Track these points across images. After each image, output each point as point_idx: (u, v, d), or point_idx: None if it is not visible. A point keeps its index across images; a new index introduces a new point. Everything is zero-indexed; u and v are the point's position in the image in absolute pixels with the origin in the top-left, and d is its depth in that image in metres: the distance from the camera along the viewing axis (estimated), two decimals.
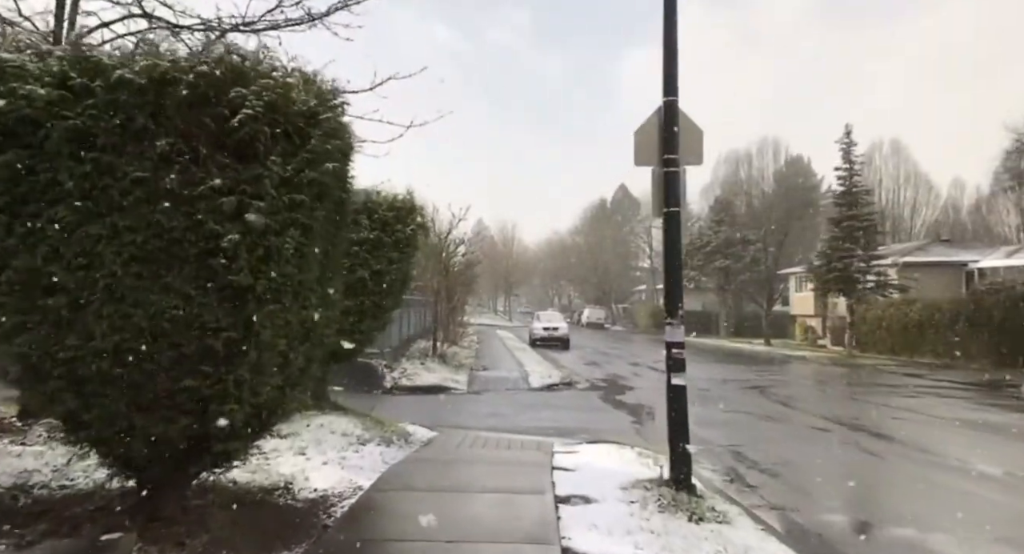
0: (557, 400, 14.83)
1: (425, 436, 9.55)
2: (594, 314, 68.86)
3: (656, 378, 19.87)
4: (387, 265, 8.89)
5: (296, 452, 7.08)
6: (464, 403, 14.13)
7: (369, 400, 13.80)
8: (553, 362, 24.65)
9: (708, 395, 15.58)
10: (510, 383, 17.59)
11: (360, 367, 16.03)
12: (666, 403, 6.64)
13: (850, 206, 28.53)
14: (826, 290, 29.35)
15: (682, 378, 6.51)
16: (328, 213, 4.46)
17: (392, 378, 16.10)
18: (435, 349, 19.92)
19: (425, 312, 25.52)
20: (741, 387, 18.08)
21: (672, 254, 6.57)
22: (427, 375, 16.92)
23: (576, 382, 18.33)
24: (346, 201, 4.87)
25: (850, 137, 28.48)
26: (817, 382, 20.44)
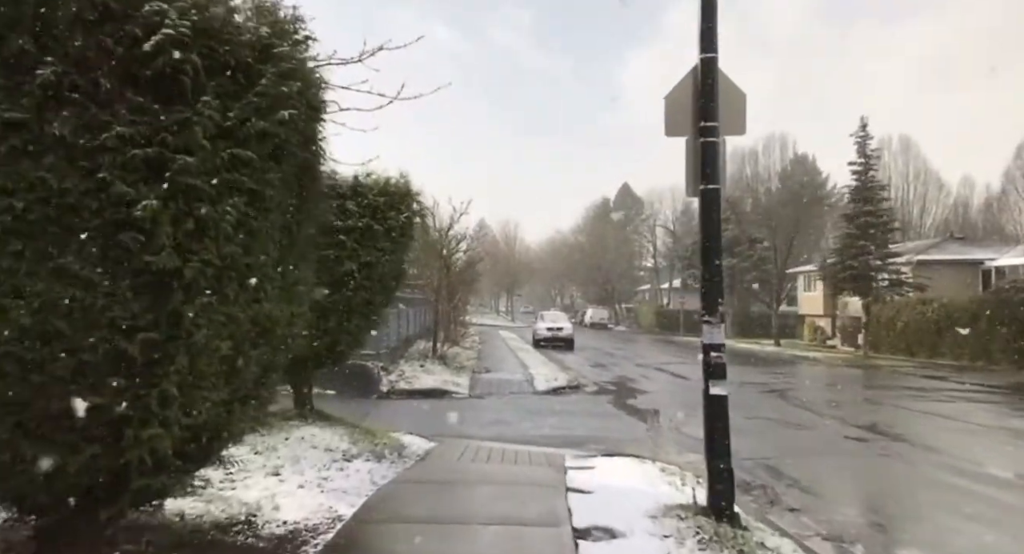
0: (564, 405, 13.83)
1: (422, 448, 8.55)
2: (597, 314, 67.81)
3: (667, 381, 18.88)
4: (378, 256, 7.89)
5: (269, 472, 6.08)
6: (465, 409, 13.13)
7: (363, 406, 12.81)
8: (558, 364, 23.65)
9: (729, 400, 14.58)
10: (514, 386, 16.59)
11: (354, 370, 15.05)
12: (703, 417, 5.62)
13: (865, 201, 27.46)
14: (840, 289, 28.31)
15: (723, 387, 5.52)
16: (287, 178, 3.46)
17: (389, 381, 15.11)
18: (435, 350, 18.93)
19: (425, 311, 24.53)
20: (759, 391, 17.05)
21: (711, 240, 5.57)
22: (426, 378, 15.92)
23: (583, 385, 17.33)
24: (314, 165, 3.86)
25: (866, 130, 27.49)
26: (837, 385, 19.40)
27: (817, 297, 44.54)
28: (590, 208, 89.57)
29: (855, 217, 27.66)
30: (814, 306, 44.43)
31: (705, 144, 5.51)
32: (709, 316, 5.52)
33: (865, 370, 23.66)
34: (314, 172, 3.88)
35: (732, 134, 5.73)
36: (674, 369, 22.35)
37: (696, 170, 5.60)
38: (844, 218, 29.07)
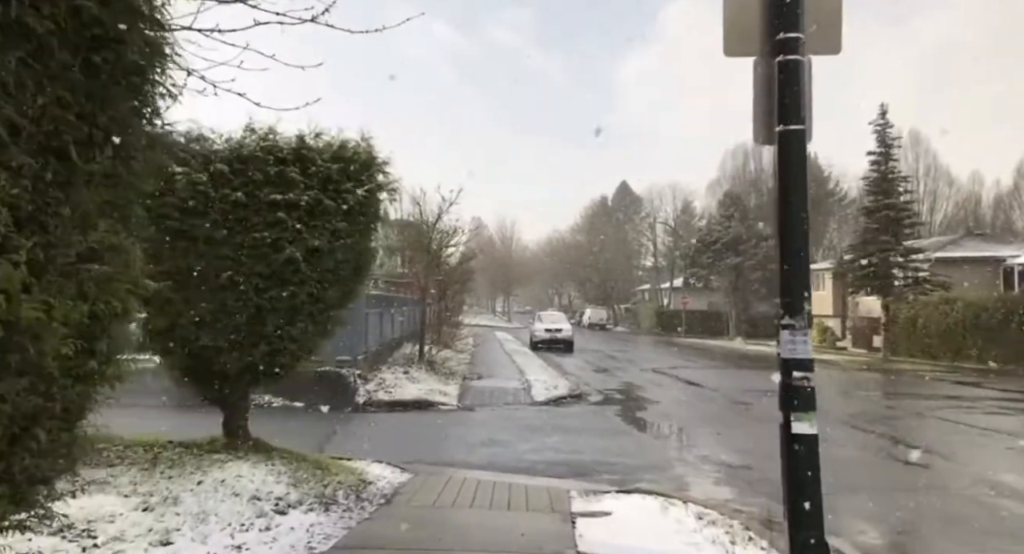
0: (567, 418, 12.04)
1: (391, 484, 6.77)
2: (596, 315, 66.08)
3: (678, 388, 17.10)
4: (331, 241, 6.08)
5: (156, 539, 4.28)
6: (452, 424, 11.34)
7: (331, 422, 11.01)
8: (557, 368, 21.85)
9: (756, 413, 12.80)
10: (509, 395, 14.80)
11: (327, 378, 13.27)
12: (782, 466, 3.82)
13: (885, 194, 25.67)
14: (857, 287, 26.55)
15: (811, 422, 3.72)
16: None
17: (366, 391, 13.31)
18: (422, 354, 17.14)
19: (413, 312, 22.72)
20: None
21: (792, 203, 3.77)
22: (410, 387, 14.13)
23: (587, 394, 15.54)
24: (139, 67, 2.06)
25: (885, 118, 25.69)
26: (864, 393, 17.60)
27: (826, 297, 42.84)
28: (588, 207, 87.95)
29: (874, 211, 25.88)
30: (822, 306, 42.68)
31: (783, 65, 3.73)
32: (790, 317, 3.74)
33: (888, 375, 21.89)
34: (146, 94, 2.07)
35: (821, 53, 3.94)
36: (683, 374, 20.58)
37: (767, 105, 3.82)
38: (862, 212, 27.29)
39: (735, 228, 48.09)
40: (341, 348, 13.77)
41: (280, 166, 5.97)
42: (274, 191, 5.90)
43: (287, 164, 5.99)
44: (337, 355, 13.72)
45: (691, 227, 65.86)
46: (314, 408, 12.49)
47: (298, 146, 6.09)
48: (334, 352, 13.71)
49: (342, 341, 13.84)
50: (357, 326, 13.95)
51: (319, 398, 12.86)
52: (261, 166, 5.93)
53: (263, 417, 11.68)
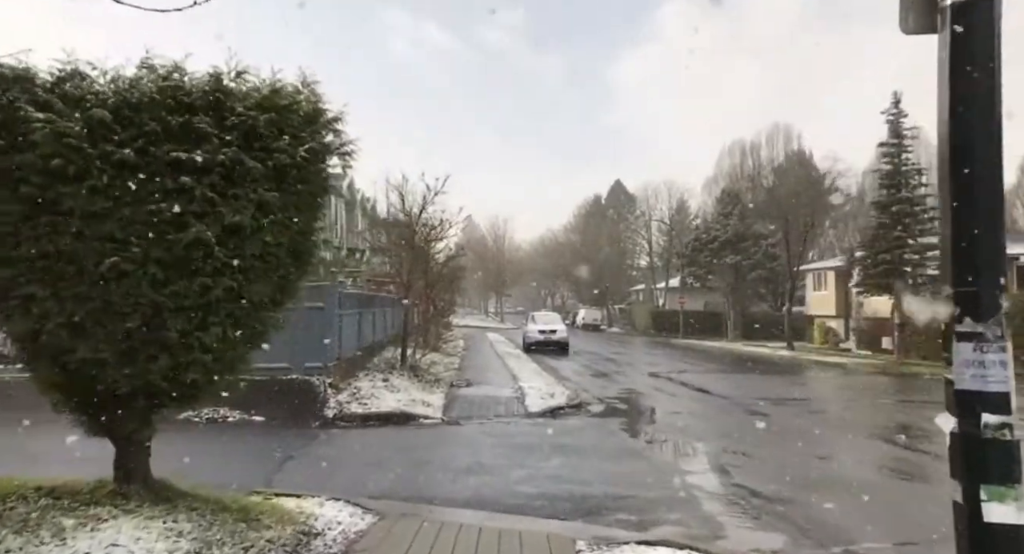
0: (567, 434, 10.48)
1: (344, 535, 5.24)
2: (590, 315, 64.68)
3: (686, 396, 15.57)
4: (256, 216, 4.49)
5: None
6: (434, 443, 9.77)
7: (289, 442, 9.41)
8: (553, 372, 20.30)
9: (777, 426, 11.28)
10: (501, 406, 13.23)
11: (293, 388, 11.68)
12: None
13: (898, 187, 24.24)
14: (868, 286, 25.13)
15: (1017, 502, 2.16)
16: None
17: (338, 403, 11.71)
18: (404, 359, 15.53)
19: (397, 313, 21.06)
20: (806, 410, 13.80)
21: (974, 141, 2.23)
22: (388, 397, 12.53)
23: (586, 403, 13.99)
24: None
25: (899, 107, 24.26)
26: (892, 401, 16.12)
27: (828, 296, 41.46)
28: (582, 206, 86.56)
29: (887, 205, 24.43)
30: (825, 306, 41.33)
31: None
32: (976, 320, 2.21)
33: (908, 380, 20.44)
34: None
35: None
36: (687, 379, 19.07)
37: None
38: (874, 206, 25.83)
39: (734, 226, 46.68)
40: (311, 353, 12.18)
41: (186, 115, 4.37)
42: (177, 148, 4.30)
43: (196, 112, 4.40)
44: (306, 361, 12.13)
45: (686, 226, 64.49)
46: (276, 423, 10.89)
47: (213, 88, 4.48)
48: (303, 358, 12.13)
49: (312, 346, 12.27)
50: (329, 329, 12.36)
51: (282, 411, 11.27)
52: (159, 114, 4.33)
53: (210, 435, 10.10)
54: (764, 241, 46.06)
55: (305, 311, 12.17)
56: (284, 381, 11.71)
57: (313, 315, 12.32)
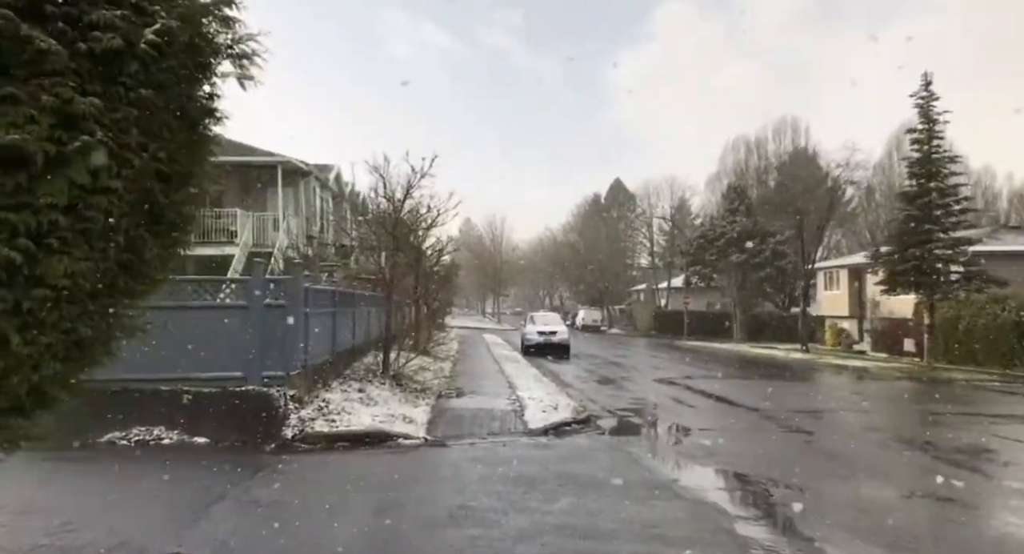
0: (576, 461, 8.56)
1: None
2: (590, 316, 62.87)
3: (709, 408, 13.59)
4: (59, 136, 2.56)
5: None
6: (411, 476, 7.82)
7: (226, 476, 7.46)
8: (554, 378, 18.40)
9: (827, 449, 9.36)
10: (496, 421, 11.31)
11: (247, 403, 9.76)
12: None
13: (928, 177, 22.33)
14: (893, 285, 23.24)
15: None
16: None
17: (300, 419, 9.77)
18: (386, 366, 13.59)
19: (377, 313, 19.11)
20: (851, 425, 11.87)
21: None
22: (363, 411, 10.59)
23: (595, 416, 12.08)
24: None
25: (930, 89, 22.28)
26: (954, 416, 14.17)
27: (840, 296, 39.59)
28: (581, 205, 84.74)
29: (916, 196, 22.50)
30: (837, 306, 39.47)
31: None
32: None
33: (945, 388, 18.53)
34: None
35: None
36: (703, 386, 17.17)
37: None
38: (902, 198, 23.90)
39: (741, 222, 44.78)
40: (270, 360, 10.25)
41: None
42: None
43: None
44: (264, 370, 10.20)
45: (688, 224, 62.64)
46: (222, 445, 8.96)
47: None
48: (260, 366, 10.20)
49: (273, 351, 10.34)
50: (293, 331, 10.42)
51: (231, 431, 9.34)
52: None
53: (134, 463, 8.03)
54: (772, 238, 44.19)
55: (263, 310, 10.26)
56: (236, 394, 9.79)
57: (274, 315, 10.39)
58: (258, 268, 10.48)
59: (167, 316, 9.97)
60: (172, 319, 10.00)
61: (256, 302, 10.26)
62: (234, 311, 10.25)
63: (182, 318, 10.01)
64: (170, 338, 9.97)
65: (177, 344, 9.95)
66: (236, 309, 10.26)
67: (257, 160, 23.52)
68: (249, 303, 10.26)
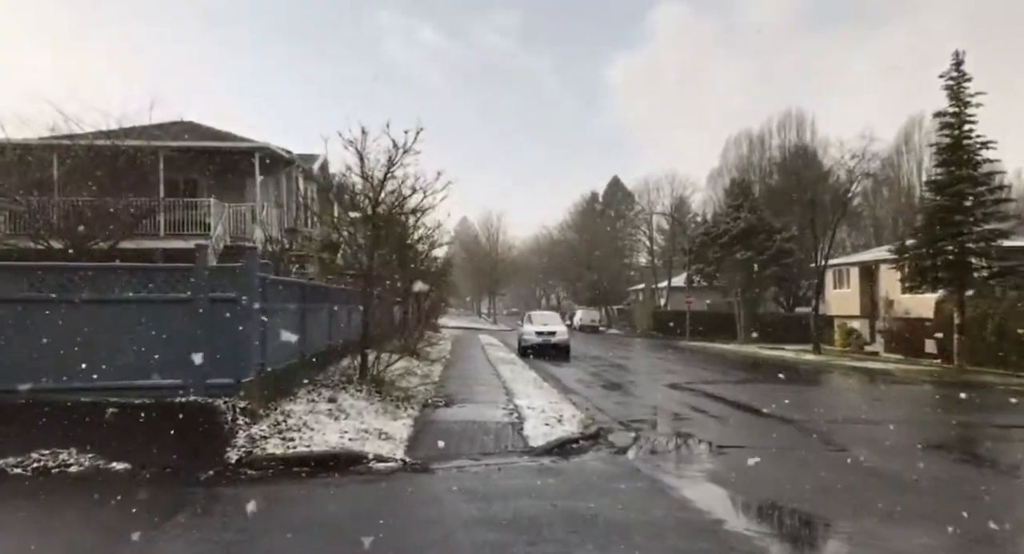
0: (589, 493, 6.81)
1: None
2: (588, 316, 61.24)
3: (737, 420, 11.62)
4: None
5: None
6: (378, 521, 6.04)
7: (142, 514, 5.68)
8: (555, 383, 16.69)
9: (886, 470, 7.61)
10: (490, 436, 9.56)
11: (189, 416, 8.00)
12: None
13: (959, 164, 20.63)
14: (920, 281, 21.57)
15: None
16: None
17: (251, 437, 7.99)
18: (364, 370, 11.83)
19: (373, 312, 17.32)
20: (901, 439, 10.13)
21: None
22: (330, 426, 8.82)
23: (606, 430, 10.35)
24: None
25: (961, 69, 20.58)
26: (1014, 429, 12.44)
27: (851, 295, 37.96)
28: (578, 203, 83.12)
29: (946, 185, 20.81)
30: (847, 306, 37.81)
31: None
32: None
33: (985, 393, 16.82)
34: None
35: None
36: (721, 392, 15.46)
37: None
38: (930, 187, 22.22)
39: (745, 218, 43.08)
40: (218, 365, 8.48)
41: None
42: None
43: None
44: (210, 376, 8.43)
45: (689, 222, 61.04)
46: (147, 473, 7.18)
47: None
48: (205, 371, 8.44)
49: (222, 353, 8.58)
50: (245, 329, 8.64)
51: (162, 453, 7.56)
52: None
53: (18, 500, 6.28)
54: (777, 235, 42.55)
55: (209, 304, 8.48)
56: (173, 406, 8.02)
57: (222, 310, 8.62)
58: (203, 252, 8.70)
59: (86, 312, 8.21)
60: (95, 315, 8.24)
61: (200, 294, 8.49)
62: (173, 305, 8.48)
63: (108, 314, 8.26)
64: (94, 338, 8.23)
65: (102, 345, 8.21)
66: (175, 303, 8.48)
67: (232, 145, 21.74)
68: (191, 296, 8.49)
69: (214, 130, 23.23)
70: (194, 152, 21.02)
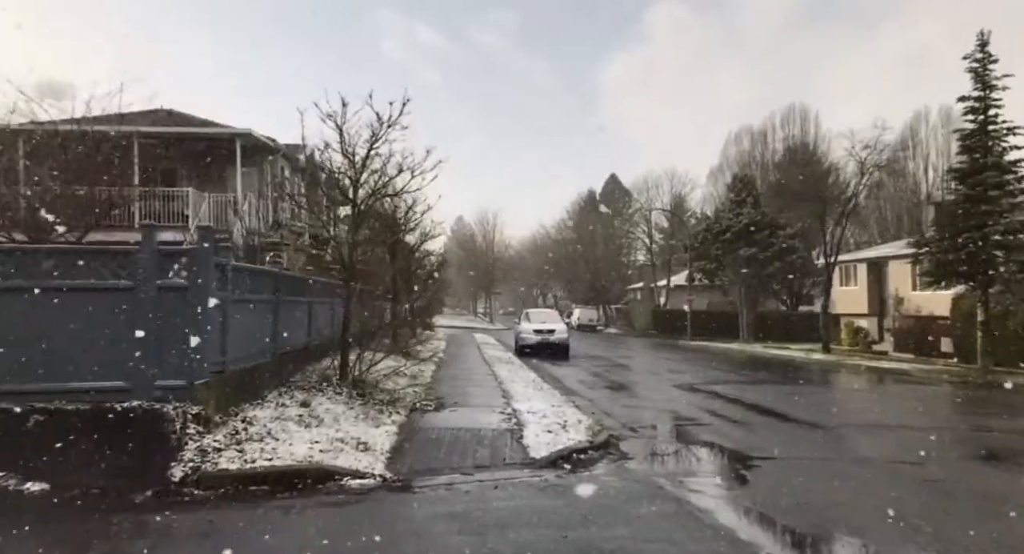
0: (606, 522, 5.59)
1: None
2: (586, 315, 60.01)
3: (763, 426, 10.17)
4: None
5: None
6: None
7: None
8: (556, 384, 15.47)
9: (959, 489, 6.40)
10: (484, 447, 8.33)
11: (132, 424, 6.77)
12: None
13: (984, 151, 19.42)
14: (940, 276, 20.42)
15: None
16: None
17: (201, 451, 6.74)
18: (344, 370, 10.59)
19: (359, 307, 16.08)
20: (969, 452, 8.92)
21: None
22: (299, 435, 7.58)
23: (617, 437, 9.14)
24: None
25: (986, 50, 19.34)
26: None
27: (858, 292, 36.80)
28: (576, 201, 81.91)
29: (970, 173, 19.58)
30: (854, 303, 36.65)
31: None
32: None
33: (1020, 396, 15.67)
34: None
35: None
36: (736, 393, 14.24)
37: None
38: (953, 175, 21.03)
39: (748, 214, 41.89)
40: (168, 365, 7.24)
41: None
42: None
43: None
44: (159, 378, 7.18)
45: (687, 219, 59.89)
46: (72, 494, 5.94)
47: None
48: (153, 372, 7.20)
49: (173, 352, 7.35)
50: (200, 323, 7.39)
51: (94, 470, 6.33)
52: None
53: None
54: (781, 232, 41.38)
55: (156, 292, 7.24)
56: (114, 413, 6.78)
57: (172, 300, 7.37)
58: (150, 233, 7.45)
59: (5, 302, 6.98)
60: (13, 306, 7.00)
61: (145, 281, 7.24)
62: (113, 295, 7.22)
63: (33, 305, 7.01)
64: (16, 333, 6.99)
65: (26, 342, 6.96)
66: (116, 292, 7.23)
67: (211, 131, 20.48)
68: (135, 283, 7.24)
69: (194, 117, 21.99)
70: (173, 139, 19.79)
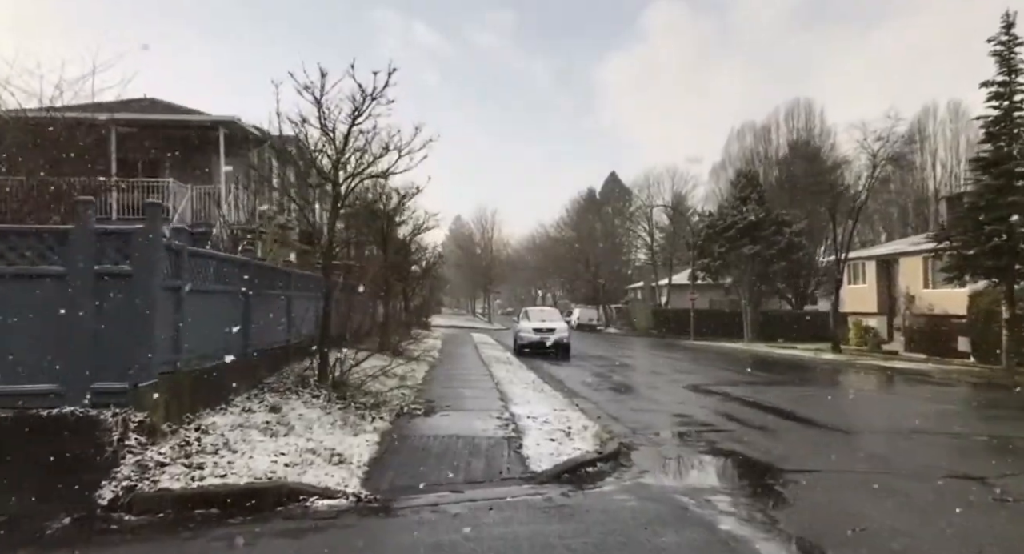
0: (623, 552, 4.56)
1: None
2: (586, 314, 59.00)
3: (789, 431, 9.12)
4: None
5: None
6: None
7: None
8: (557, 386, 14.43)
9: None
10: (479, 456, 7.29)
11: (59, 434, 5.70)
12: None
13: (1009, 139, 18.41)
14: (962, 271, 19.40)
15: None
16: None
17: (140, 466, 5.69)
18: (324, 371, 9.54)
19: (345, 302, 15.05)
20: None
21: None
22: (261, 446, 6.53)
23: (628, 446, 8.11)
24: None
25: (1011, 32, 18.35)
26: None
27: (867, 291, 35.76)
28: (575, 200, 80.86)
29: (993, 163, 18.58)
30: (862, 302, 35.61)
31: None
32: None
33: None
34: None
35: None
36: (754, 396, 13.19)
37: None
38: (975, 165, 20.00)
39: (753, 210, 40.87)
40: (107, 366, 6.18)
41: None
42: None
43: None
44: (97, 380, 6.13)
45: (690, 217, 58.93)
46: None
47: None
48: (90, 374, 6.15)
49: (115, 350, 6.30)
50: (147, 317, 6.33)
51: (8, 489, 5.28)
52: None
53: None
54: (787, 228, 40.39)
55: (93, 280, 6.19)
56: (40, 421, 5.74)
57: (113, 289, 6.32)
58: (86, 211, 6.38)
59: None
60: None
61: (80, 267, 6.19)
62: (44, 282, 6.18)
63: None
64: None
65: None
66: (47, 279, 6.18)
67: (192, 119, 19.42)
68: (67, 269, 6.19)
69: (176, 106, 20.96)
70: (154, 128, 18.77)
